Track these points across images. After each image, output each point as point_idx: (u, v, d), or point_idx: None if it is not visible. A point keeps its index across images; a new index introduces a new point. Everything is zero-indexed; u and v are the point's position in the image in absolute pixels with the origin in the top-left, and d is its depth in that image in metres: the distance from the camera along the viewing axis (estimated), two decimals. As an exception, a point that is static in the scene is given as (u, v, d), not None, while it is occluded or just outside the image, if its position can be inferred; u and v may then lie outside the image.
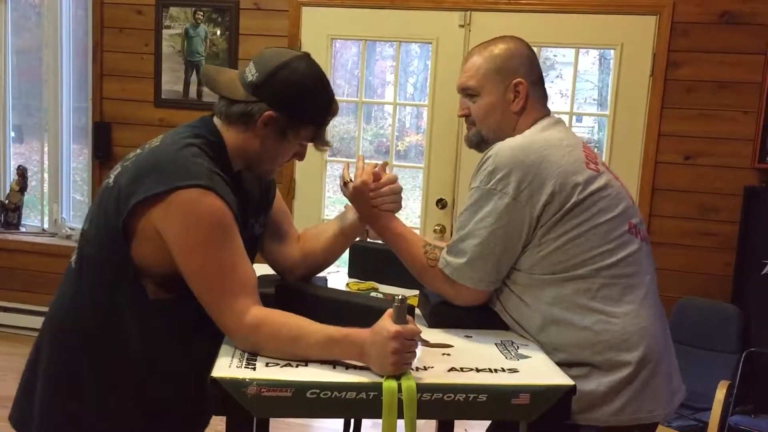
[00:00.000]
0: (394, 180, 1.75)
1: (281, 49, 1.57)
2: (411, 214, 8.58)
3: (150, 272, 1.49)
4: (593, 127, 9.83)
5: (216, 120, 1.59)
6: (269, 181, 1.78)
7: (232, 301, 1.44)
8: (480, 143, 1.76)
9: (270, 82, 1.51)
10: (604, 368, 1.55)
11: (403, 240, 1.74)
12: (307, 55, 1.56)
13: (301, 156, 1.63)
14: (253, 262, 1.67)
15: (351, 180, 1.74)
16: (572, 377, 1.51)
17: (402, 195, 1.76)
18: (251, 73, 1.53)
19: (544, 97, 1.77)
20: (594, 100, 10.02)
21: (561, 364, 1.55)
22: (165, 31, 4.03)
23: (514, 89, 1.70)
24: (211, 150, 1.52)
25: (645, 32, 3.49)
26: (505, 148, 1.60)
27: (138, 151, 1.58)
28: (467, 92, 1.75)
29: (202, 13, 3.97)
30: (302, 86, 1.52)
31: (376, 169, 1.75)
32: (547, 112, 1.76)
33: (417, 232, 3.81)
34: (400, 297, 1.36)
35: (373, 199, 1.72)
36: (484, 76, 1.71)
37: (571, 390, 1.39)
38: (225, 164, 1.55)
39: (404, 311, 1.36)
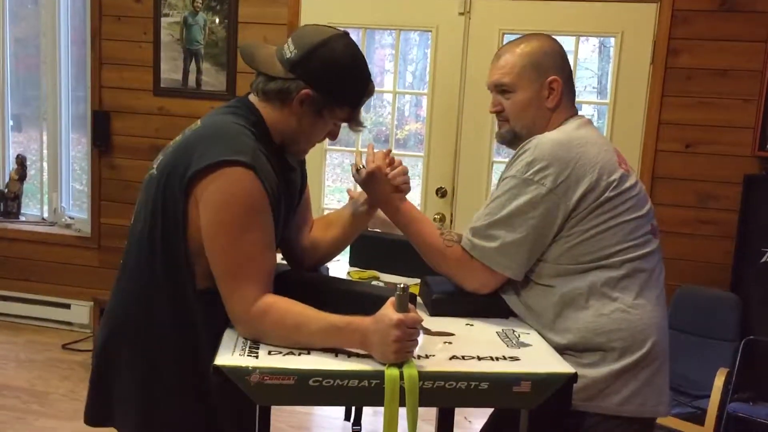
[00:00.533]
0: (399, 163, 1.77)
1: (320, 27, 1.56)
2: (411, 202, 8.56)
3: (201, 257, 1.48)
4: (593, 115, 9.81)
5: (252, 97, 1.59)
6: (303, 166, 1.78)
7: (245, 286, 1.44)
8: (513, 140, 1.77)
9: (308, 59, 1.50)
10: (616, 356, 1.59)
11: (418, 222, 1.75)
12: (346, 34, 1.56)
13: (334, 135, 1.63)
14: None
15: (363, 167, 1.75)
16: (584, 363, 1.58)
17: (408, 177, 1.77)
18: (289, 49, 1.52)
19: (573, 93, 1.80)
20: (594, 88, 9.98)
21: (574, 349, 1.59)
22: (164, 19, 4.02)
23: (548, 86, 1.73)
24: (254, 128, 1.53)
25: (645, 20, 3.48)
26: (545, 141, 1.63)
27: (178, 138, 1.58)
28: (501, 88, 1.76)
29: (201, 1, 3.95)
30: (340, 65, 1.52)
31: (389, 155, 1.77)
32: (575, 110, 1.80)
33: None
34: (402, 285, 1.37)
35: (388, 178, 1.73)
36: (520, 72, 1.73)
37: (571, 378, 1.40)
38: (268, 141, 1.55)
39: (406, 299, 1.36)
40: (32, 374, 3.72)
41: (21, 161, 4.63)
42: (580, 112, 1.81)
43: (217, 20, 3.95)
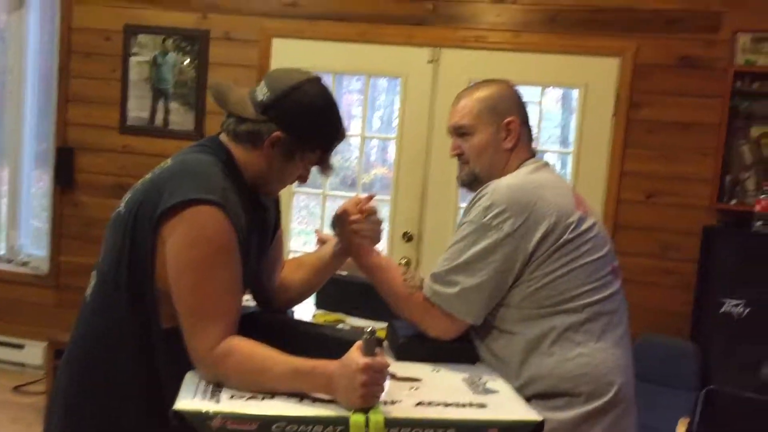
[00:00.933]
0: (374, 212, 1.76)
1: (294, 70, 1.57)
2: (377, 247, 8.56)
3: (167, 296, 1.45)
4: (555, 164, 9.99)
5: (223, 137, 1.58)
6: (277, 204, 1.77)
7: (208, 326, 1.41)
8: (473, 182, 1.79)
9: (281, 102, 1.51)
10: (583, 401, 1.60)
11: (383, 270, 1.74)
12: (318, 79, 1.57)
13: (304, 179, 1.64)
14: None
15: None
16: (551, 407, 1.57)
17: (380, 227, 1.77)
18: (262, 92, 1.52)
19: (530, 137, 1.84)
20: (557, 138, 10.20)
21: (541, 395, 1.59)
22: (133, 58, 4.01)
23: (506, 128, 1.77)
24: (224, 166, 1.52)
25: (608, 73, 3.58)
26: (501, 186, 1.65)
27: (147, 176, 1.56)
28: (460, 131, 1.79)
29: (171, 41, 3.96)
30: (313, 109, 1.53)
31: (363, 202, 1.77)
32: (532, 153, 1.83)
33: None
34: (369, 329, 1.35)
35: (351, 225, 1.73)
36: (478, 115, 1.77)
37: (539, 425, 1.39)
38: (238, 179, 1.54)
39: (374, 343, 1.34)
40: (-19, 417, 3.59)
41: (-21, 197, 4.53)
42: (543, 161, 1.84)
43: (188, 60, 3.96)
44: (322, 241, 1.86)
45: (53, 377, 3.47)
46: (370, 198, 1.77)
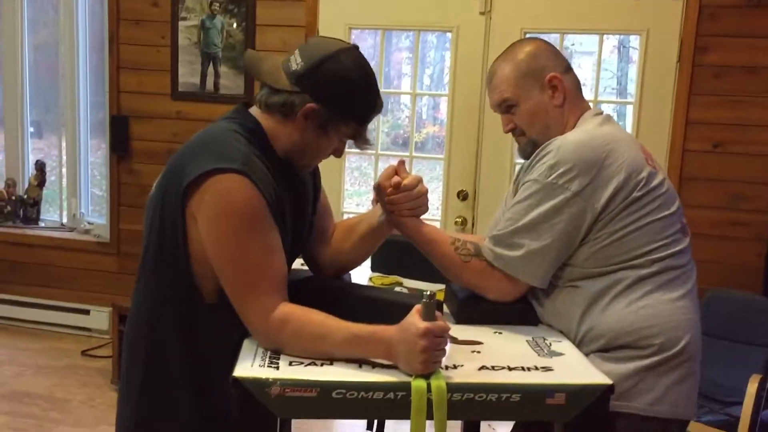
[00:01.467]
0: (413, 185, 1.62)
1: (329, 39, 1.52)
2: (430, 206, 8.52)
3: (207, 272, 1.44)
4: (613, 116, 9.71)
5: (254, 109, 1.54)
6: (316, 175, 1.71)
7: (259, 297, 1.40)
8: (535, 150, 1.69)
9: (314, 73, 1.44)
10: (647, 353, 1.54)
11: (428, 243, 1.68)
12: (355, 48, 1.50)
13: (339, 153, 1.57)
14: (299, 252, 1.66)
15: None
16: (612, 359, 1.52)
17: (424, 199, 1.64)
18: (296, 61, 1.46)
19: (578, 84, 1.75)
20: (613, 89, 9.88)
21: (604, 348, 1.55)
22: (181, 23, 3.99)
23: (549, 85, 1.69)
24: (250, 135, 1.47)
25: (671, 17, 3.40)
26: (567, 142, 1.57)
27: (175, 154, 1.53)
28: (506, 105, 1.72)
29: (218, 4, 3.92)
30: (347, 80, 1.46)
31: (394, 173, 1.63)
32: (587, 104, 1.75)
33: (437, 224, 3.77)
34: (428, 292, 1.31)
35: (390, 205, 1.64)
36: (516, 83, 1.69)
37: (608, 389, 1.33)
38: (266, 147, 1.49)
39: (433, 307, 1.31)
40: (51, 381, 3.71)
41: (40, 167, 4.63)
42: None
43: (235, 23, 3.92)
44: (377, 201, 1.77)
45: (118, 341, 3.57)
46: (402, 164, 1.64)
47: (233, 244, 1.39)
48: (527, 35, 3.59)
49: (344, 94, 1.46)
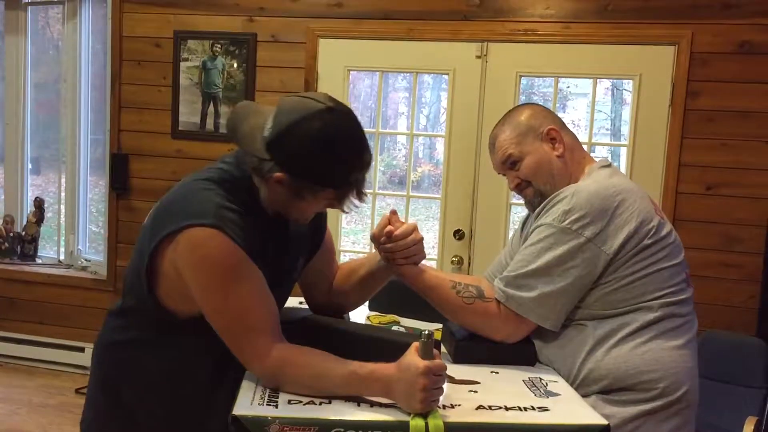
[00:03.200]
0: (406, 234, 1.62)
1: (303, 101, 1.43)
2: (426, 245, 8.55)
3: (181, 316, 1.49)
4: (607, 157, 9.82)
5: None
6: (320, 222, 1.69)
7: (252, 341, 1.41)
8: (543, 201, 1.74)
9: (282, 140, 1.39)
10: (648, 397, 1.57)
11: (428, 288, 1.69)
12: (327, 110, 1.40)
13: (331, 207, 1.51)
14: (287, 296, 1.68)
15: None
16: (614, 402, 1.55)
17: (420, 246, 1.64)
18: (267, 126, 1.42)
19: (575, 138, 1.83)
20: (607, 130, 10.00)
21: (606, 389, 1.57)
22: (183, 64, 4.06)
23: (548, 137, 1.76)
24: (232, 185, 1.48)
25: (663, 62, 3.48)
26: (581, 190, 1.63)
27: (158, 202, 1.57)
28: (510, 161, 1.78)
29: (219, 46, 4.00)
30: (314, 149, 1.39)
31: (386, 223, 1.64)
32: (589, 155, 1.83)
33: (434, 263, 3.78)
34: (426, 332, 1.32)
35: (384, 253, 1.66)
36: (518, 140, 1.77)
37: (604, 429, 1.34)
38: (249, 200, 1.49)
39: (431, 346, 1.32)
40: (45, 419, 3.68)
41: (39, 204, 4.65)
42: (594, 154, 1.82)
43: (236, 64, 3.99)
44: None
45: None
46: (394, 214, 1.65)
47: (217, 294, 1.40)
48: (522, 78, 3.66)
49: (311, 163, 1.39)
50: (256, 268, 1.43)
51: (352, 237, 7.92)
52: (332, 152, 1.40)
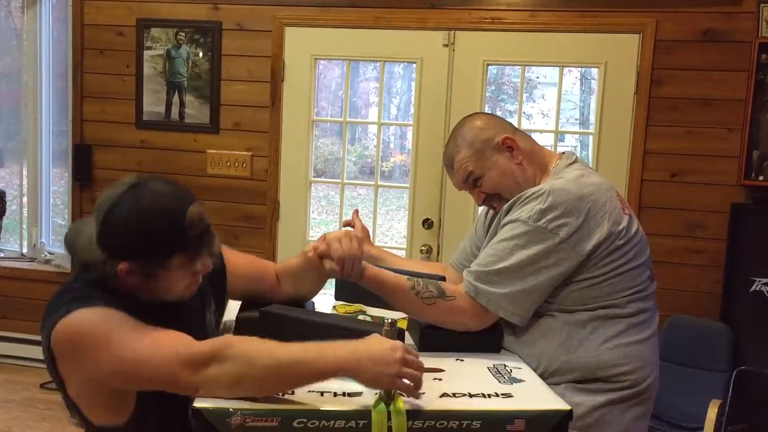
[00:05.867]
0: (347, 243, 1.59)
1: (110, 191, 1.41)
2: (396, 234, 8.55)
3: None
4: (576, 146, 9.88)
5: None
6: (217, 270, 1.59)
7: (184, 362, 1.30)
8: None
9: (105, 235, 1.37)
10: (617, 387, 1.62)
11: (390, 292, 1.67)
12: (131, 188, 1.40)
13: (200, 274, 1.47)
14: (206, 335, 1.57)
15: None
16: (585, 391, 1.60)
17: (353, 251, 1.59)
18: (93, 228, 1.39)
19: (530, 137, 1.84)
20: (576, 119, 10.07)
21: (577, 379, 1.62)
22: (146, 52, 3.99)
23: (504, 147, 1.76)
24: (100, 287, 1.41)
25: (628, 50, 3.50)
26: (557, 189, 1.62)
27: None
28: (472, 179, 1.78)
29: (184, 34, 3.93)
30: (135, 227, 1.36)
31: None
32: (548, 151, 1.83)
33: (403, 252, 3.78)
34: (389, 320, 1.32)
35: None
36: (476, 157, 1.76)
37: (567, 415, 1.35)
38: (122, 296, 1.41)
39: (395, 335, 1.32)
40: (10, 415, 3.61)
41: (1, 196, 4.54)
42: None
43: (201, 53, 3.93)
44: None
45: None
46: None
47: (113, 353, 1.31)
48: (489, 67, 3.66)
49: (139, 241, 1.37)
50: (132, 321, 1.35)
51: (323, 227, 7.89)
52: (152, 222, 1.37)
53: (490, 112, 3.15)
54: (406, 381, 1.30)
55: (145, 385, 1.36)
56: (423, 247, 3.76)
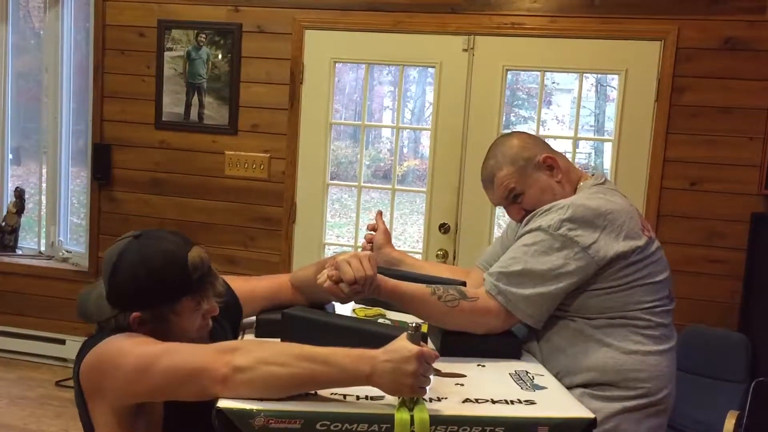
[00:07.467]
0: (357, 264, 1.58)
1: (112, 247, 1.50)
2: (410, 238, 8.55)
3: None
4: (590, 153, 9.84)
5: None
6: (230, 307, 1.67)
7: (209, 365, 1.32)
8: None
9: (114, 289, 1.46)
10: (633, 395, 1.63)
11: (409, 300, 1.66)
12: (134, 238, 1.49)
13: (210, 315, 1.53)
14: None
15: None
16: (599, 397, 1.61)
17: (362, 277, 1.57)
18: (103, 288, 1.48)
19: (566, 158, 1.88)
20: (591, 126, 10.03)
21: (592, 384, 1.64)
22: (167, 53, 4.01)
23: (545, 165, 1.81)
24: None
25: (649, 58, 3.48)
26: (578, 203, 1.67)
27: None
28: (513, 195, 1.82)
29: (204, 36, 3.95)
30: (141, 276, 1.44)
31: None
32: (580, 170, 1.88)
33: (419, 256, 3.77)
34: (413, 324, 1.32)
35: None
36: (518, 173, 1.81)
37: (591, 423, 1.34)
38: None
39: (419, 338, 1.31)
40: (25, 412, 3.63)
41: (19, 194, 4.59)
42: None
43: (221, 55, 3.95)
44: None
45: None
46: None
47: (137, 351, 1.37)
48: (508, 72, 3.66)
49: (147, 289, 1.44)
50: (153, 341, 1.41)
51: (336, 230, 7.90)
52: (158, 268, 1.45)
53: (505, 117, 3.14)
54: (423, 388, 1.29)
55: (171, 378, 1.34)
56: (439, 252, 3.76)
